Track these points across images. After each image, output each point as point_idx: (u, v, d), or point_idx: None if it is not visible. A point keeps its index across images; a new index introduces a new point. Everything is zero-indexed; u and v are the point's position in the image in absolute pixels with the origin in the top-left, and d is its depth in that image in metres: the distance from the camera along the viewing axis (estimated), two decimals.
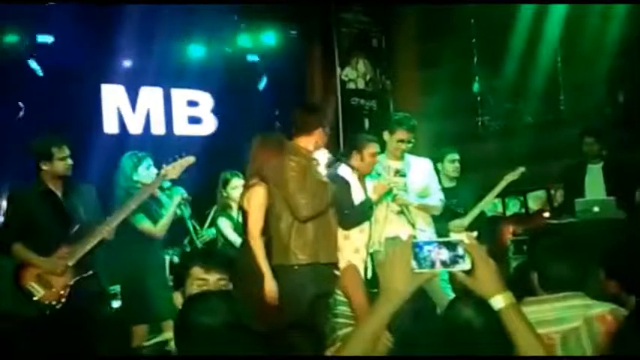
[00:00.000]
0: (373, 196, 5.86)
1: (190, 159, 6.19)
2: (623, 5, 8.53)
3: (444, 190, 6.92)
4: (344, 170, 5.87)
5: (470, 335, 2.12)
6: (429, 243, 2.12)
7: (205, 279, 3.31)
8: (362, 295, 5.49)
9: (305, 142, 5.57)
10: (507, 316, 2.10)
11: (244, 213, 5.70)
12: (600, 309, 3.10)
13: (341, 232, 5.70)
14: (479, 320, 2.32)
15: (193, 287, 3.30)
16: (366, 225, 5.78)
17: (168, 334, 5.90)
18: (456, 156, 7.52)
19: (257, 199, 5.56)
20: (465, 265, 2.10)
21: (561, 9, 8.96)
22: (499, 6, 9.30)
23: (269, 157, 5.58)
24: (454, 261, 2.10)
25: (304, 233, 5.39)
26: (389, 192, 6.03)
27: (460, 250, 2.10)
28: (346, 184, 5.79)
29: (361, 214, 5.75)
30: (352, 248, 5.70)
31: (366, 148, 5.92)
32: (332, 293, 5.58)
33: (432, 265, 2.09)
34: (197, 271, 3.35)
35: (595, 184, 7.44)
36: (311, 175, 5.46)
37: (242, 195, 5.80)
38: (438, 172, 7.11)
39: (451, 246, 2.11)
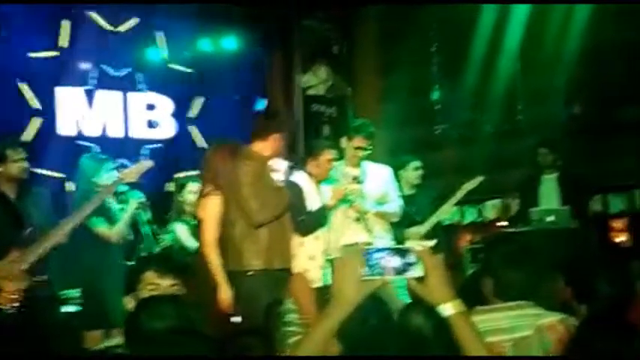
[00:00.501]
0: (329, 202, 5.86)
1: (148, 163, 6.16)
2: (581, 17, 8.67)
3: (404, 197, 6.92)
4: (300, 176, 5.86)
5: (420, 342, 2.13)
6: (380, 250, 2.12)
7: (158, 284, 3.29)
8: (311, 303, 5.47)
9: (261, 147, 5.55)
10: (456, 324, 2.12)
11: (199, 221, 5.69)
12: (551, 318, 3.14)
13: (296, 239, 5.69)
14: (429, 327, 2.34)
15: (145, 292, 3.27)
16: (321, 232, 5.78)
17: (119, 339, 5.82)
18: (419, 164, 7.53)
19: (211, 209, 5.55)
20: (416, 272, 2.11)
21: (521, 19, 9.07)
22: (460, 14, 9.38)
23: (224, 163, 5.56)
24: (405, 268, 2.10)
25: (258, 239, 5.38)
26: (345, 198, 6.03)
27: (411, 258, 2.11)
28: (302, 190, 5.78)
29: (317, 220, 5.75)
30: (307, 255, 5.70)
31: (322, 153, 5.92)
32: (285, 300, 5.58)
33: (383, 272, 2.09)
34: (150, 275, 3.33)
35: (550, 194, 7.53)
36: (266, 181, 5.45)
37: (197, 203, 5.80)
38: (399, 179, 7.11)
39: (402, 253, 2.11)
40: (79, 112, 8.50)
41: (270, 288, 5.33)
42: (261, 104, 9.54)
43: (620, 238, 8.94)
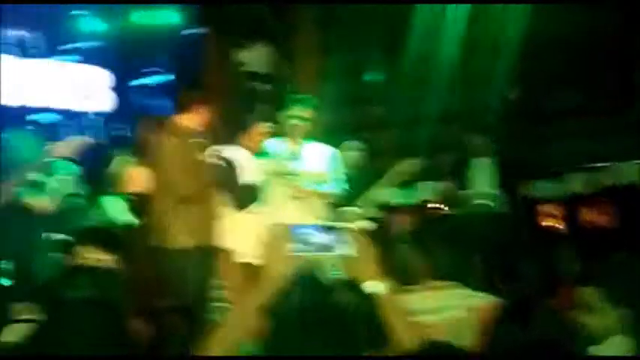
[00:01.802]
0: (264, 176, 5.80)
1: (83, 138, 6.08)
2: (521, 5, 8.81)
3: (341, 178, 6.89)
4: (233, 151, 5.78)
5: (348, 318, 2.15)
6: (310, 226, 2.13)
7: (93, 258, 3.27)
8: (238, 279, 5.41)
9: (188, 120, 5.45)
10: (382, 301, 2.13)
11: (129, 195, 5.64)
12: (481, 300, 3.20)
13: (233, 215, 5.64)
14: (356, 304, 2.35)
15: None
16: (259, 207, 5.72)
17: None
18: (358, 144, 7.52)
19: (137, 182, 5.49)
20: (344, 249, 2.12)
21: (463, 4, 9.16)
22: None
23: (151, 137, 5.46)
24: (333, 245, 2.12)
25: (184, 215, 5.29)
26: (281, 172, 5.96)
27: (339, 235, 2.12)
28: (235, 165, 5.71)
29: (251, 194, 5.68)
30: (245, 231, 5.65)
31: (254, 127, 5.83)
32: (212, 277, 5.53)
33: (311, 248, 2.10)
34: (86, 249, 3.31)
35: (482, 178, 7.62)
36: (192, 155, 5.36)
37: (126, 177, 5.75)
38: (338, 159, 7.05)
39: (331, 230, 2.12)
40: (15, 81, 8.28)
41: (195, 265, 5.28)
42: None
43: (549, 223, 9.13)
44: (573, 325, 3.01)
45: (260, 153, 5.91)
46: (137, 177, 5.59)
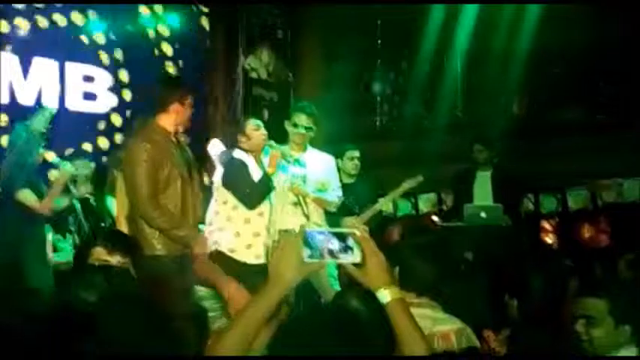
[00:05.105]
0: (269, 170, 5.70)
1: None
2: (526, 20, 8.85)
3: (342, 186, 6.87)
4: (238, 153, 5.73)
5: (355, 326, 2.12)
6: (320, 232, 2.10)
7: (107, 260, 3.25)
8: (225, 278, 4.90)
9: (164, 120, 5.17)
10: (393, 310, 2.11)
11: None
12: (446, 327, 3.13)
13: (241, 217, 5.56)
14: (365, 311, 2.32)
15: None
16: (265, 208, 5.64)
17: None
18: (356, 153, 7.44)
19: (118, 185, 5.42)
20: (355, 257, 2.10)
21: (468, 17, 9.18)
22: (406, 9, 9.43)
23: (128, 140, 5.30)
24: (344, 252, 2.09)
25: (158, 222, 5.03)
26: (283, 165, 5.91)
27: (351, 242, 2.10)
28: (243, 165, 5.61)
29: (263, 189, 5.59)
30: (252, 232, 5.56)
31: (247, 126, 5.75)
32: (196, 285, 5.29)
33: (322, 254, 2.07)
34: (99, 251, 3.29)
35: (483, 191, 7.62)
36: (165, 164, 5.06)
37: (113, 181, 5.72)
38: (337, 168, 7.04)
39: (342, 237, 2.09)
40: (14, 78, 8.23)
41: (177, 273, 5.03)
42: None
43: (550, 238, 9.13)
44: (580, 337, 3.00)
45: (264, 150, 5.85)
46: (117, 181, 5.54)
